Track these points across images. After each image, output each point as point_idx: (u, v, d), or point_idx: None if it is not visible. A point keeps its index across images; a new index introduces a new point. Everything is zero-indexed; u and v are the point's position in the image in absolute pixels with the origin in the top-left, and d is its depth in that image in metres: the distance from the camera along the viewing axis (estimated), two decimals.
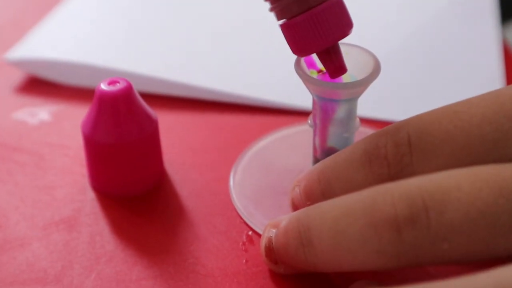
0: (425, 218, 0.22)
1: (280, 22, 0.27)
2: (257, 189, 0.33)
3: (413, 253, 0.23)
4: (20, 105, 0.40)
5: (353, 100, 0.29)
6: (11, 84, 0.42)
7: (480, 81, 0.40)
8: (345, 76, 0.29)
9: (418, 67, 0.42)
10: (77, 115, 0.38)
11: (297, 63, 0.28)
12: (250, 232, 0.31)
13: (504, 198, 0.22)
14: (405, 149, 0.25)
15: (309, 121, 0.30)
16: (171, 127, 0.38)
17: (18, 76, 0.42)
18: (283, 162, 0.34)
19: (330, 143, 0.30)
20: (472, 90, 0.27)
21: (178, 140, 0.37)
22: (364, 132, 0.35)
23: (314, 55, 0.28)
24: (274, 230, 0.27)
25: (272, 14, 0.27)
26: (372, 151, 0.26)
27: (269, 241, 0.27)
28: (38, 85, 0.41)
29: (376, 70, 0.28)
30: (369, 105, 0.38)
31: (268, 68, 0.42)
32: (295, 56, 0.28)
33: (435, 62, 0.42)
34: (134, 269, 0.29)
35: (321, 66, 0.29)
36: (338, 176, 0.26)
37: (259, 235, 0.30)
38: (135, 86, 0.32)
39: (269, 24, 0.32)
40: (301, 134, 0.36)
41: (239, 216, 0.32)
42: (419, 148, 0.25)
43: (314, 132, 0.30)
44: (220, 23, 0.46)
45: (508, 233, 0.22)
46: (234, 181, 0.33)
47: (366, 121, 0.37)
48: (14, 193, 0.33)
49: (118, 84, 0.31)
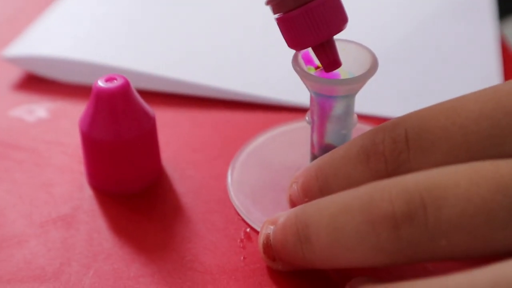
0: (423, 215, 0.22)
1: (276, 16, 0.27)
2: (255, 186, 0.33)
3: (411, 250, 0.23)
4: (18, 102, 0.40)
5: (351, 97, 0.29)
6: (8, 81, 0.42)
7: (478, 78, 0.40)
8: (343, 73, 0.29)
9: (416, 63, 0.42)
10: (75, 112, 0.37)
11: (295, 60, 0.28)
12: (248, 229, 0.31)
13: (502, 194, 0.22)
14: (403, 146, 0.25)
15: (307, 118, 0.30)
16: (169, 124, 0.37)
17: (16, 73, 0.42)
18: (281, 159, 0.34)
19: (328, 140, 0.30)
20: (470, 87, 0.27)
21: (176, 137, 0.37)
22: (362, 129, 0.35)
23: (312, 52, 0.28)
24: (272, 227, 0.27)
25: (269, 9, 0.27)
26: (370, 148, 0.26)
27: (267, 238, 0.27)
28: (36, 82, 0.41)
29: (374, 67, 0.28)
30: (367, 102, 0.38)
31: (266, 65, 0.42)
32: (293, 53, 0.28)
33: (433, 59, 0.42)
34: (132, 267, 0.29)
35: (319, 63, 0.29)
36: (336, 173, 0.26)
37: (257, 232, 0.30)
38: (133, 83, 0.31)
39: (267, 21, 0.32)
40: (299, 131, 0.36)
41: (237, 213, 0.32)
42: (417, 144, 0.25)
43: (312, 129, 0.30)
44: (218, 20, 0.46)
45: (506, 229, 0.22)
46: (232, 178, 0.33)
47: (364, 118, 0.37)
48: (12, 191, 0.33)
49: (116, 81, 0.31)
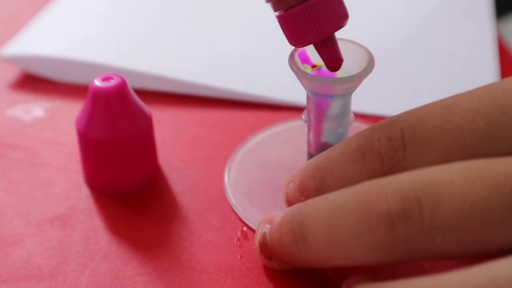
0: (418, 213, 0.22)
1: (277, 14, 0.27)
2: (252, 185, 0.33)
3: (407, 248, 0.23)
4: (14, 102, 0.40)
5: (347, 95, 0.29)
6: (5, 81, 0.41)
7: (475, 76, 0.40)
8: (340, 71, 0.29)
9: (413, 62, 0.42)
10: (72, 112, 0.37)
11: (291, 58, 0.28)
12: (245, 228, 0.31)
13: (497, 192, 0.22)
14: (399, 144, 0.25)
15: (304, 117, 0.30)
16: (166, 124, 0.37)
17: (12, 73, 0.42)
18: (278, 158, 0.34)
19: (324, 139, 0.30)
20: (467, 86, 0.27)
21: (173, 137, 0.37)
22: (358, 128, 0.35)
23: (309, 50, 0.28)
24: (269, 226, 0.27)
25: (267, 7, 0.27)
26: (366, 146, 0.26)
27: (264, 237, 0.27)
28: (32, 82, 0.41)
29: (370, 65, 0.28)
30: (363, 101, 0.38)
31: (263, 64, 0.42)
32: (289, 51, 0.28)
33: (430, 57, 0.42)
34: (129, 265, 0.29)
35: (315, 61, 0.29)
36: (332, 171, 0.26)
37: (254, 231, 0.30)
38: (129, 83, 0.31)
39: (263, 20, 0.32)
40: (296, 130, 0.36)
41: (234, 212, 0.31)
42: (413, 143, 0.25)
43: (309, 128, 0.30)
44: (214, 19, 0.46)
45: (501, 227, 0.22)
46: (229, 177, 0.33)
47: (361, 117, 0.37)
48: (9, 190, 0.33)
49: (112, 80, 0.31)
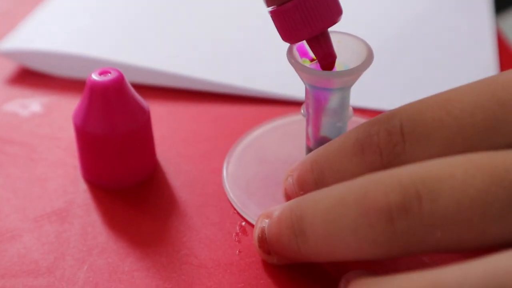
0: (418, 207, 0.22)
1: (270, 9, 0.27)
2: (250, 180, 0.32)
3: (406, 242, 0.22)
4: (11, 97, 0.40)
5: (346, 89, 0.28)
6: (2, 76, 0.41)
7: (475, 71, 0.40)
8: (338, 65, 0.29)
9: (412, 56, 0.42)
10: (69, 107, 0.37)
11: (290, 52, 0.28)
12: (243, 223, 0.31)
13: (497, 186, 0.22)
14: (398, 137, 0.25)
15: (302, 111, 0.30)
16: (164, 118, 0.37)
17: (9, 68, 0.42)
18: (276, 152, 0.34)
19: (323, 133, 0.30)
20: (466, 79, 0.27)
21: (171, 131, 0.36)
22: (357, 122, 0.34)
23: (307, 44, 0.28)
24: (267, 221, 0.27)
25: (262, 2, 0.27)
26: (365, 140, 0.25)
27: (262, 232, 0.27)
28: (30, 77, 0.41)
29: (369, 59, 0.27)
30: (362, 94, 0.37)
31: (261, 58, 0.41)
32: (288, 46, 0.28)
33: (429, 51, 0.42)
34: (127, 261, 0.29)
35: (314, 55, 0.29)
36: (331, 165, 0.26)
37: (252, 226, 0.30)
38: (127, 77, 0.31)
39: (261, 14, 0.32)
40: (294, 124, 0.36)
41: (232, 207, 0.31)
42: (412, 136, 0.24)
43: (307, 122, 0.30)
44: (212, 14, 0.46)
45: (501, 221, 0.22)
46: (227, 172, 0.33)
47: (359, 111, 0.37)
48: (6, 185, 0.33)
49: (110, 74, 0.31)
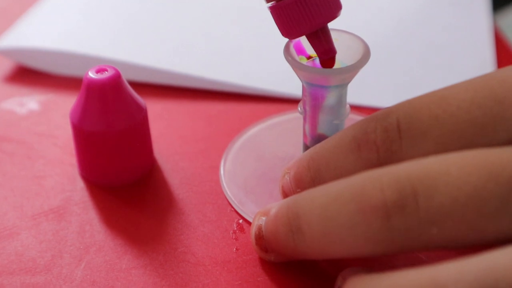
0: (414, 203, 0.22)
1: (269, 5, 0.27)
2: (248, 177, 0.32)
3: (403, 239, 0.23)
4: (8, 95, 0.39)
5: (343, 87, 0.28)
6: None
7: (472, 68, 0.40)
8: (335, 62, 0.29)
9: (409, 54, 0.42)
10: (66, 104, 0.37)
11: (286, 50, 0.28)
12: (241, 221, 0.31)
13: (493, 183, 0.22)
14: (394, 135, 0.25)
15: (299, 108, 0.30)
16: (161, 116, 0.37)
17: (6, 66, 0.42)
18: (274, 150, 0.34)
19: (320, 130, 0.30)
20: (464, 77, 0.27)
21: (168, 129, 0.36)
22: (354, 119, 0.35)
23: (304, 41, 0.28)
24: (264, 218, 0.27)
25: None
26: (361, 137, 0.25)
27: (259, 229, 0.27)
28: (26, 74, 0.41)
29: (366, 56, 0.27)
30: (359, 92, 0.37)
31: (258, 56, 0.41)
32: (284, 43, 0.28)
33: (426, 49, 0.42)
34: (124, 258, 0.29)
35: (311, 52, 0.29)
36: (328, 163, 0.26)
37: (250, 223, 0.30)
38: (124, 75, 0.31)
39: (259, 12, 0.32)
40: (291, 122, 0.36)
41: (230, 205, 0.31)
42: (408, 133, 0.25)
43: (304, 119, 0.30)
44: (209, 11, 0.46)
45: (497, 218, 0.22)
46: (225, 170, 0.33)
47: (356, 108, 0.37)
48: (3, 183, 0.33)
49: (106, 72, 0.31)
